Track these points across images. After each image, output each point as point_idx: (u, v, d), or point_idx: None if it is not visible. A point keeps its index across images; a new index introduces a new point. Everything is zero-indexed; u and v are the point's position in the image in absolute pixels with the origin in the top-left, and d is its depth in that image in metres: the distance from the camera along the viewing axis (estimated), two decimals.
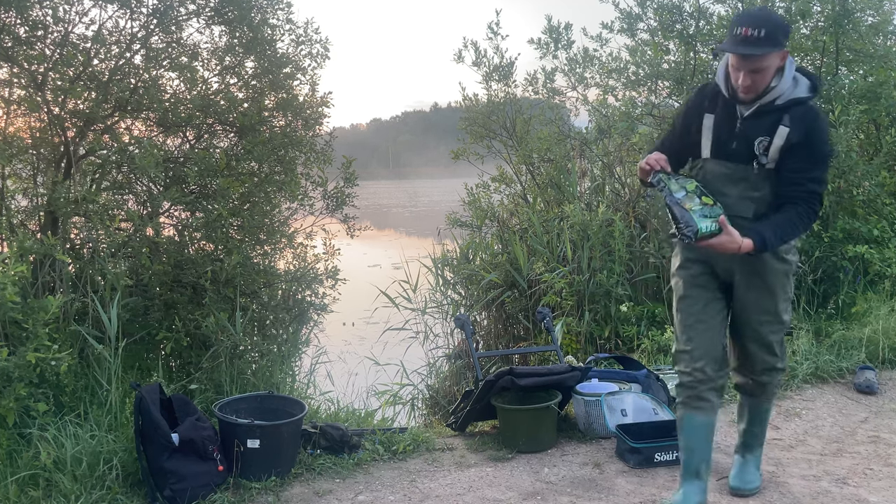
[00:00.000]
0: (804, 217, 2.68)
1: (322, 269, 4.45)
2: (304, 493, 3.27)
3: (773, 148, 2.67)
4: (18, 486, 3.01)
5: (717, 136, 2.78)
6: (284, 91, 4.33)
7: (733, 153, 2.74)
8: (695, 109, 2.86)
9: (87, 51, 3.84)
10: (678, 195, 2.66)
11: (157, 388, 3.31)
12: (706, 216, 2.62)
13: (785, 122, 2.66)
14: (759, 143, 2.68)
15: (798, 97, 2.68)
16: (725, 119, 2.77)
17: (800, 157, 2.66)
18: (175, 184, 4.02)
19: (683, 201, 2.63)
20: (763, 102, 2.68)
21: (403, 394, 5.36)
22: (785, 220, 2.67)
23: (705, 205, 2.65)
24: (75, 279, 3.72)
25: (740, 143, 2.73)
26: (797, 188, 2.67)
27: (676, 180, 2.70)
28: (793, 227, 2.68)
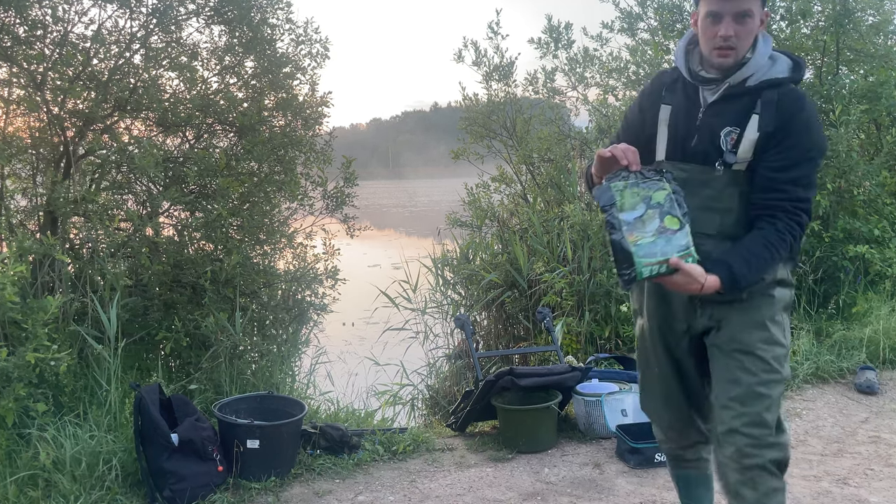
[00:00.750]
0: (784, 234, 2.03)
1: (322, 269, 4.44)
2: (303, 493, 3.27)
3: (745, 142, 2.07)
4: (18, 487, 3.01)
5: (673, 132, 2.19)
6: (284, 91, 4.33)
7: (693, 152, 2.14)
8: (650, 100, 2.28)
9: (87, 50, 3.83)
10: (628, 215, 2.00)
11: (157, 389, 3.31)
12: (652, 255, 1.98)
13: (757, 110, 2.07)
14: (727, 136, 2.09)
15: (775, 77, 2.09)
16: (685, 109, 2.18)
17: (778, 154, 2.05)
18: (174, 184, 4.01)
19: (632, 228, 1.99)
20: (733, 82, 2.09)
21: (403, 394, 5.35)
22: (759, 242, 2.04)
23: (664, 231, 2.00)
24: (75, 279, 3.72)
25: (702, 136, 2.13)
26: (775, 195, 2.05)
27: (639, 188, 2.02)
28: (770, 250, 2.03)
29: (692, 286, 2.00)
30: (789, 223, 2.04)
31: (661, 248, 1.98)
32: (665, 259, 1.97)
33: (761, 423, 2.08)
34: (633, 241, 1.98)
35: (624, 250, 1.98)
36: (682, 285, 2.01)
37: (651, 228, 1.99)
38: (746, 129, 2.07)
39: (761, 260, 2.04)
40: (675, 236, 2.00)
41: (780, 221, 2.04)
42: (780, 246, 2.04)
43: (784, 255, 2.06)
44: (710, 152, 2.11)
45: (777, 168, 2.05)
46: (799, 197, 2.05)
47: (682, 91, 2.21)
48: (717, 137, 2.10)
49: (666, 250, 1.98)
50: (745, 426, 2.08)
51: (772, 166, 2.06)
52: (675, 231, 2.00)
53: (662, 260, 1.98)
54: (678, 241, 1.99)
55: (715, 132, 2.11)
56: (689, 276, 1.99)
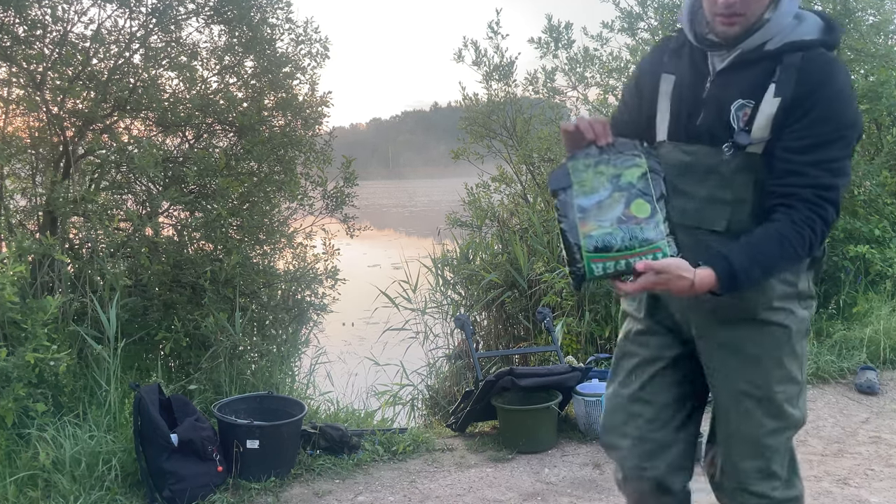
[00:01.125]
0: (802, 228, 1.62)
1: (322, 269, 4.44)
2: (303, 493, 3.26)
3: (761, 118, 1.67)
4: (17, 487, 3.00)
5: (676, 107, 1.81)
6: (284, 91, 4.33)
7: (698, 131, 1.76)
8: (650, 70, 1.89)
9: (86, 50, 3.83)
10: (587, 199, 1.63)
11: (157, 389, 3.30)
12: (607, 248, 1.60)
13: (777, 78, 1.67)
14: (738, 111, 1.70)
15: (801, 39, 1.68)
16: (691, 79, 1.80)
17: (801, 130, 1.64)
18: (174, 183, 4.01)
19: (587, 215, 1.62)
20: (747, 48, 1.70)
21: (403, 394, 5.35)
22: (769, 234, 1.63)
23: (626, 220, 1.62)
24: (74, 279, 3.71)
25: (709, 112, 1.74)
26: (794, 180, 1.64)
27: (607, 165, 1.66)
28: (783, 245, 1.62)
29: (678, 284, 1.60)
30: (809, 215, 1.62)
31: (621, 241, 1.60)
32: (621, 255, 1.59)
33: (770, 475, 1.80)
34: (584, 231, 1.61)
35: (573, 240, 1.63)
36: (662, 285, 1.61)
37: (611, 216, 1.61)
38: (762, 102, 1.67)
39: (770, 256, 1.63)
40: (642, 227, 1.61)
41: (798, 212, 1.62)
42: (795, 241, 1.62)
43: (802, 253, 1.64)
44: (719, 131, 1.72)
45: (798, 148, 1.64)
46: (823, 184, 1.62)
47: (689, 58, 1.82)
48: (726, 112, 1.71)
49: (626, 244, 1.60)
50: (752, 482, 1.81)
51: (791, 146, 1.65)
52: (643, 220, 1.62)
53: (618, 255, 1.59)
54: (644, 234, 1.61)
55: (724, 106, 1.72)
56: (667, 271, 1.58)
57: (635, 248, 1.61)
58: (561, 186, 1.67)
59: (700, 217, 1.76)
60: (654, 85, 1.86)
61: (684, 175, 1.76)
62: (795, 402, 1.81)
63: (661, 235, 1.62)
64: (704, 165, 1.75)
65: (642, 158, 1.66)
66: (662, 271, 1.59)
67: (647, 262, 1.59)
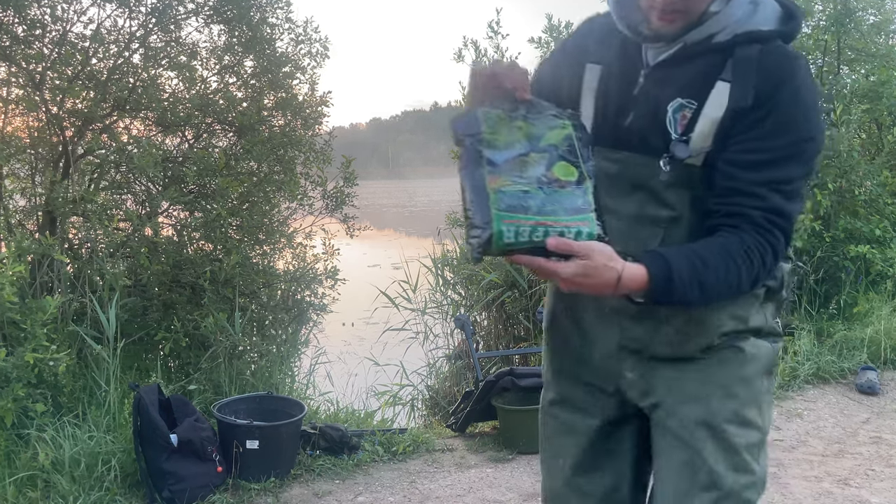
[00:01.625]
0: (752, 252, 1.33)
1: (321, 269, 4.43)
2: (303, 494, 3.26)
3: (704, 123, 1.36)
4: (17, 488, 3.00)
5: (602, 104, 1.49)
6: (284, 90, 4.32)
7: (626, 134, 1.45)
8: (574, 56, 1.55)
9: (86, 50, 3.83)
10: (500, 154, 1.28)
11: (156, 389, 3.30)
12: (523, 209, 1.23)
13: (726, 75, 1.36)
14: (676, 113, 1.39)
15: (756, 29, 1.38)
16: (620, 71, 1.47)
17: (752, 142, 1.34)
18: (174, 183, 4.01)
19: (499, 170, 1.27)
20: (691, 40, 1.38)
21: (403, 394, 5.34)
22: (717, 250, 1.33)
23: (550, 182, 1.27)
24: (73, 279, 3.71)
25: (641, 112, 1.43)
26: (743, 200, 1.34)
27: (525, 122, 1.32)
28: (730, 268, 1.32)
29: (601, 277, 1.23)
30: (760, 241, 1.32)
31: (541, 205, 1.23)
32: (542, 221, 1.22)
33: None
34: (494, 186, 1.23)
35: (478, 195, 1.23)
36: (581, 277, 1.23)
37: (529, 174, 1.26)
38: (707, 103, 1.36)
39: (714, 272, 1.31)
40: (568, 193, 1.26)
41: (748, 236, 1.33)
42: (742, 267, 1.32)
43: (744, 283, 1.34)
44: (651, 136, 1.41)
45: (747, 163, 1.33)
46: (776, 207, 1.32)
47: (620, 45, 1.48)
48: (661, 114, 1.39)
49: (548, 208, 1.23)
50: None
51: (739, 160, 1.34)
52: (568, 184, 1.27)
53: (538, 221, 1.21)
54: (571, 201, 1.25)
55: (660, 106, 1.40)
56: (589, 257, 1.22)
57: (559, 216, 1.23)
58: (469, 133, 1.29)
59: (628, 238, 1.40)
60: (577, 76, 1.52)
61: (609, 188, 1.41)
62: (757, 455, 1.45)
63: (588, 206, 1.27)
64: (632, 177, 1.44)
65: (567, 121, 1.34)
66: (585, 254, 1.21)
67: (564, 240, 1.22)
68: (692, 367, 1.46)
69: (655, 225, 1.42)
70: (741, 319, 1.46)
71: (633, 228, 1.44)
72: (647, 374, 1.50)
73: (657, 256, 1.31)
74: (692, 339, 1.45)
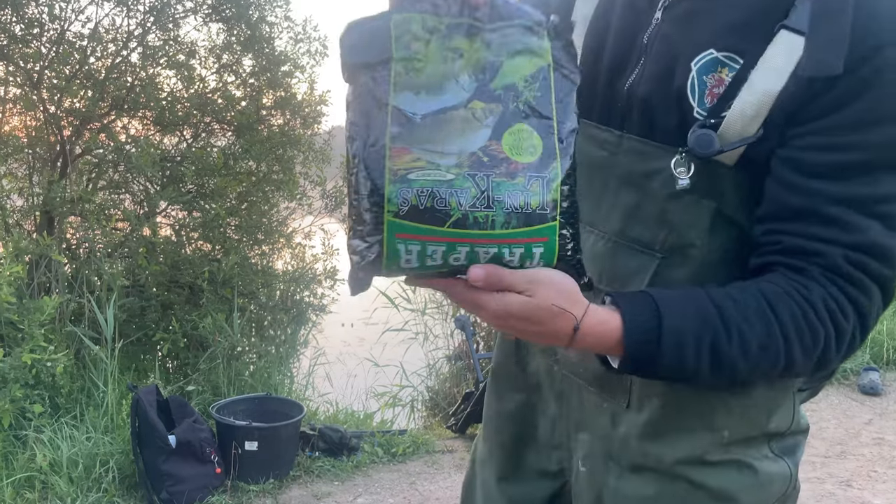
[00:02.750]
0: (820, 318, 0.81)
1: (321, 270, 4.42)
2: (302, 495, 3.24)
3: (749, 96, 0.82)
4: (14, 489, 2.98)
5: (593, 50, 0.96)
6: (283, 89, 4.31)
7: (627, 102, 0.92)
8: None
9: (84, 49, 3.81)
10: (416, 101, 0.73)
11: (154, 390, 3.28)
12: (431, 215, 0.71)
13: (797, 21, 0.80)
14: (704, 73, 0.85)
15: None
16: (625, 11, 0.94)
17: (836, 132, 0.79)
18: (172, 183, 3.99)
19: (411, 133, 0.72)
20: None
21: (403, 395, 5.32)
22: (754, 299, 0.82)
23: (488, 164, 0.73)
24: (71, 279, 3.70)
25: (650, 69, 0.90)
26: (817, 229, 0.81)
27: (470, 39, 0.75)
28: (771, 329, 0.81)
29: (546, 326, 0.79)
30: (836, 295, 0.82)
31: (468, 204, 0.72)
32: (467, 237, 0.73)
33: None
34: (397, 166, 0.73)
35: (368, 179, 0.73)
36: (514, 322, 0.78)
37: (460, 146, 0.74)
38: (760, 64, 0.83)
39: (738, 331, 0.81)
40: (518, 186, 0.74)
41: (815, 284, 0.82)
42: (797, 327, 0.81)
43: (802, 358, 0.83)
44: (661, 111, 0.89)
45: (824, 168, 0.81)
46: (870, 243, 0.81)
47: None
48: (682, 73, 0.87)
49: (479, 214, 0.73)
50: None
51: (810, 161, 0.82)
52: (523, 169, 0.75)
53: (459, 237, 0.73)
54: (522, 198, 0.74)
55: (678, 60, 0.88)
56: (533, 293, 0.76)
57: (496, 227, 0.73)
58: (370, 59, 0.75)
59: (605, 266, 0.95)
60: (567, 9, 0.99)
61: (589, 184, 0.91)
62: None
63: (550, 209, 0.75)
64: (624, 173, 0.92)
65: (544, 41, 0.78)
66: (525, 289, 0.76)
67: (495, 269, 0.74)
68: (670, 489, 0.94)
69: (647, 252, 0.91)
70: (752, 414, 0.93)
71: (616, 252, 0.93)
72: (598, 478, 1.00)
73: (642, 299, 0.83)
74: (669, 439, 0.94)
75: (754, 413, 0.92)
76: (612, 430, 0.98)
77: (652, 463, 0.95)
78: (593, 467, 1.01)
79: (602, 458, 1.00)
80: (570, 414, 1.04)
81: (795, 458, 0.98)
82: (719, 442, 0.93)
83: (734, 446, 0.93)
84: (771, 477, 0.94)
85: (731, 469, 0.93)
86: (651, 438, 0.95)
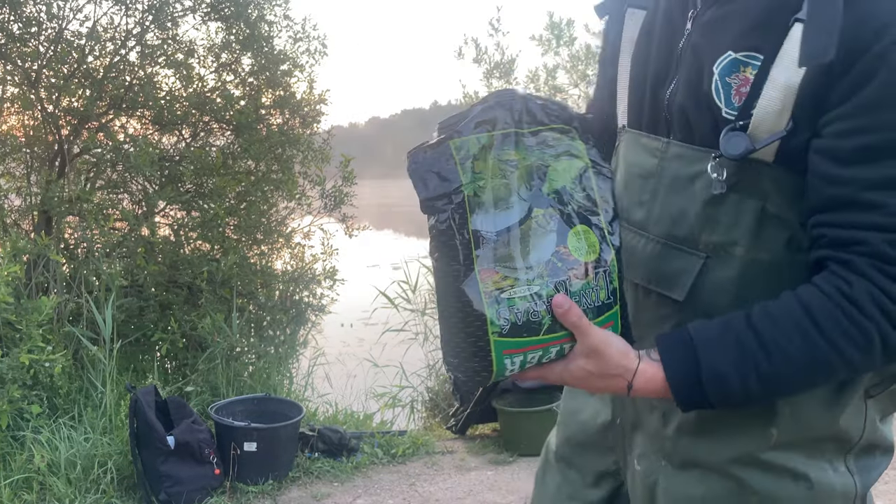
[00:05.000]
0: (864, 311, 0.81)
1: (320, 270, 4.41)
2: (301, 496, 3.23)
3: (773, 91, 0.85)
4: (12, 490, 2.97)
5: (641, 68, 1.04)
6: (282, 88, 4.30)
7: (668, 111, 0.98)
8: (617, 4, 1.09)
9: (82, 48, 3.81)
10: (488, 221, 0.83)
11: (153, 391, 3.27)
12: (527, 331, 0.83)
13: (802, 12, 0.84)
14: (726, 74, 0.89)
15: None
16: (665, 18, 1.02)
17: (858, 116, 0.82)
18: (170, 183, 3.99)
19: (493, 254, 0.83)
20: None
21: (403, 396, 5.31)
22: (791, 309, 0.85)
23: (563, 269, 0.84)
24: (69, 279, 3.68)
25: (682, 77, 0.96)
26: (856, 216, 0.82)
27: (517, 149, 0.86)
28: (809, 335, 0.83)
29: (605, 384, 0.90)
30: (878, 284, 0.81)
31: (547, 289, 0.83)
32: (558, 339, 0.84)
33: None
34: (491, 289, 0.81)
35: (464, 310, 0.82)
36: (580, 378, 0.89)
37: (539, 257, 0.83)
38: (778, 58, 0.85)
39: (777, 347, 0.84)
40: (589, 284, 0.86)
41: (855, 277, 0.82)
42: (842, 328, 0.82)
43: (857, 353, 0.83)
44: (695, 116, 0.93)
45: (851, 153, 0.83)
46: None
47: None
48: (707, 77, 0.92)
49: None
50: None
51: (838, 148, 0.83)
52: (590, 267, 0.86)
53: (552, 341, 0.84)
54: (593, 295, 0.86)
55: (704, 66, 0.92)
56: (595, 357, 0.87)
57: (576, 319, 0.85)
58: (443, 192, 0.84)
59: (653, 268, 0.98)
60: (617, 30, 1.07)
61: (641, 190, 0.99)
62: None
63: (614, 298, 0.88)
64: (671, 176, 0.96)
65: (577, 142, 0.88)
66: (592, 353, 0.86)
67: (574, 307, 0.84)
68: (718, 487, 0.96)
69: (691, 253, 0.94)
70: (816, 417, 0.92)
71: (663, 254, 0.97)
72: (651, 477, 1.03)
73: (681, 346, 0.87)
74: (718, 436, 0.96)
75: (806, 412, 0.92)
76: (663, 429, 1.01)
77: (702, 460, 0.98)
78: (647, 466, 1.04)
79: (655, 457, 1.03)
80: (625, 414, 1.08)
81: (867, 477, 0.97)
82: (768, 442, 0.93)
83: (789, 450, 0.93)
84: (830, 492, 0.94)
85: (784, 476, 0.93)
86: (700, 435, 0.97)
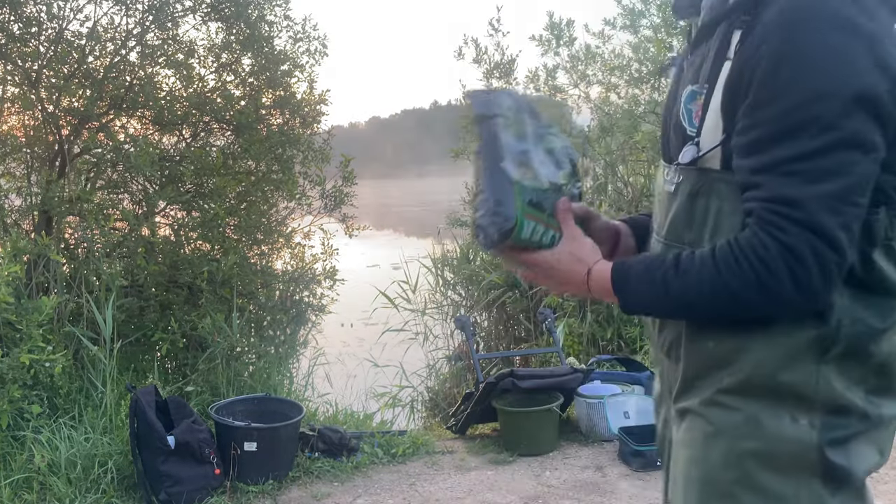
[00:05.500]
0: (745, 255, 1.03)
1: (320, 270, 4.41)
2: (301, 496, 3.23)
3: (713, 110, 1.11)
4: (12, 490, 2.97)
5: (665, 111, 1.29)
6: (282, 88, 4.29)
7: (668, 141, 1.25)
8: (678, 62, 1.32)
9: (82, 48, 3.80)
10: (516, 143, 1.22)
11: (153, 391, 3.27)
12: (541, 209, 1.21)
13: (732, 46, 1.10)
14: (689, 103, 1.16)
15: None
16: (679, 66, 1.28)
17: (746, 118, 1.06)
18: (171, 183, 3.98)
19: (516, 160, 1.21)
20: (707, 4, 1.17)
21: (403, 396, 5.31)
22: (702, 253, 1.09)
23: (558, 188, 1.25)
24: (70, 279, 3.68)
25: (671, 110, 1.23)
26: (749, 195, 1.06)
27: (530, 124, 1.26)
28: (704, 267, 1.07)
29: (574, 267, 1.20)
30: (756, 237, 1.02)
31: (551, 207, 1.23)
32: (551, 225, 1.23)
33: None
34: (518, 177, 1.19)
35: (501, 182, 1.18)
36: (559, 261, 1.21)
37: (545, 172, 1.23)
38: (716, 85, 1.10)
39: (684, 271, 1.08)
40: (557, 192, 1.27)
41: (745, 234, 1.05)
42: (729, 265, 1.04)
43: (740, 287, 1.03)
44: (675, 138, 1.20)
45: (743, 148, 1.06)
46: (782, 196, 1.01)
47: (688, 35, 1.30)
48: (678, 107, 1.19)
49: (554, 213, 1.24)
50: None
51: (737, 145, 1.07)
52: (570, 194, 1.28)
53: (549, 224, 1.23)
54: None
55: (678, 97, 1.20)
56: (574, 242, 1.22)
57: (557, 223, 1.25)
58: (489, 113, 1.22)
59: None
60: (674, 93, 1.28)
61: (659, 208, 1.26)
62: None
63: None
64: (668, 189, 1.21)
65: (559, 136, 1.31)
66: (571, 238, 1.22)
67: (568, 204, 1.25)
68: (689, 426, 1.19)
69: (678, 247, 1.16)
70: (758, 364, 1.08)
71: (662, 250, 1.21)
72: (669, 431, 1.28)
73: (625, 259, 1.20)
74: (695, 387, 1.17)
75: (750, 365, 1.09)
76: (669, 397, 1.24)
77: (686, 408, 1.18)
78: (668, 429, 1.28)
79: (671, 420, 1.26)
80: (662, 380, 1.31)
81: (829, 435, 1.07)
82: (720, 384, 1.12)
83: (746, 396, 1.10)
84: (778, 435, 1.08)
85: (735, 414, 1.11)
86: (687, 392, 1.18)
